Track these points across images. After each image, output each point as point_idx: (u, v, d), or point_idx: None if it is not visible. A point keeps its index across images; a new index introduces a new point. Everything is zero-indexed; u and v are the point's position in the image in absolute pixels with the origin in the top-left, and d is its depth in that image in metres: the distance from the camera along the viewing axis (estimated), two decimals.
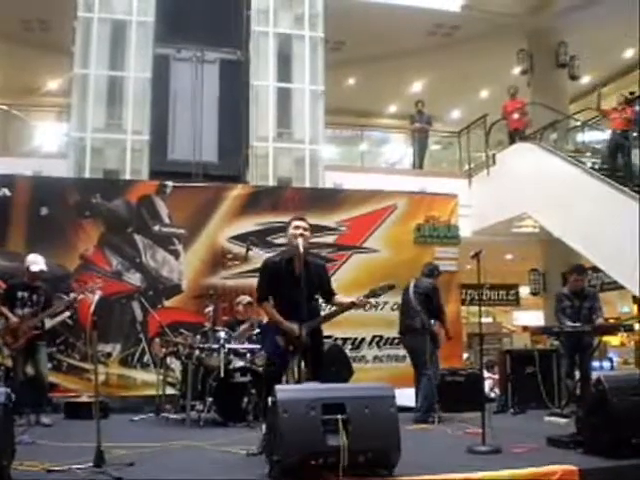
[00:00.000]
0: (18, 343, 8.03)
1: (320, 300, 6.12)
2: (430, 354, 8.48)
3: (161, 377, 9.14)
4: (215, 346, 8.33)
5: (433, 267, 9.22)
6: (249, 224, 10.78)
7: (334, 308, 6.06)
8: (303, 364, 5.57)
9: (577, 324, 8.65)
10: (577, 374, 8.93)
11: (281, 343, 5.80)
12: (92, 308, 5.57)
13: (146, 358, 10.16)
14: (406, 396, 8.53)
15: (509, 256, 19.51)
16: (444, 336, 8.82)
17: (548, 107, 16.08)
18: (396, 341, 10.70)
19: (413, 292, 8.78)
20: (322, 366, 5.91)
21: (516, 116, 15.57)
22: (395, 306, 10.15)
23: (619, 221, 11.49)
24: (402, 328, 8.94)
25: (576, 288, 9.03)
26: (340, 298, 6.00)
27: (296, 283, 5.57)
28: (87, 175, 11.91)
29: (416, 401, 8.56)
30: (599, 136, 16.67)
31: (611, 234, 11.63)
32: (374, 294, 5.85)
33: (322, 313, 6.17)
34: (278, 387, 4.84)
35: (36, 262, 8.25)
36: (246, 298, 9.29)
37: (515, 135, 15.43)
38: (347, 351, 10.32)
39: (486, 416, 6.15)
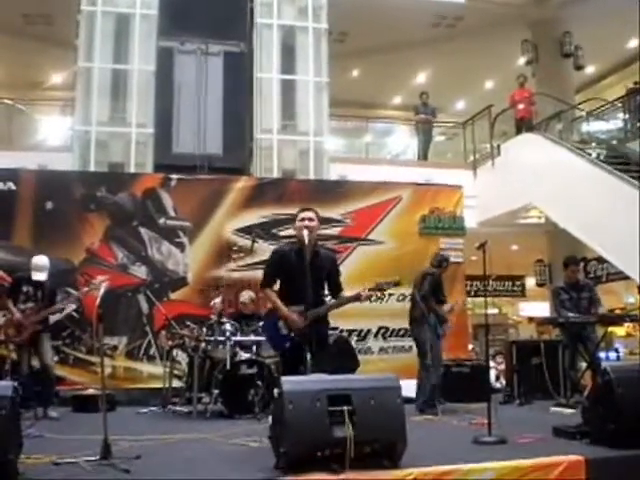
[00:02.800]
0: (21, 337, 8.06)
1: (327, 293, 6.10)
2: (431, 345, 8.49)
3: (167, 370, 9.16)
4: (221, 338, 8.35)
5: (441, 258, 9.09)
6: (254, 216, 10.80)
7: (340, 299, 6.00)
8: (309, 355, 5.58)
9: (578, 315, 8.66)
10: (582, 365, 8.94)
11: (284, 330, 5.81)
12: (98, 301, 5.56)
13: (152, 351, 10.19)
14: (412, 387, 8.55)
15: (515, 247, 19.47)
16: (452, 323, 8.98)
17: (553, 97, 16.04)
18: (402, 332, 10.72)
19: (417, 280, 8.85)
20: (326, 356, 5.87)
21: (521, 106, 15.54)
22: (401, 297, 10.18)
23: (624, 211, 11.47)
24: (408, 318, 8.94)
25: (572, 280, 9.05)
26: (345, 295, 5.96)
27: (304, 272, 5.58)
28: (92, 168, 11.93)
29: (417, 392, 8.57)
30: (604, 126, 16.64)
31: (616, 224, 11.62)
32: (379, 288, 5.82)
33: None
34: (284, 379, 4.84)
35: (38, 269, 8.23)
36: (245, 295, 9.34)
37: (522, 124, 15.38)
38: (353, 342, 10.32)
39: (492, 407, 6.16)
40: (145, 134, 12.32)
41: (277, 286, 6.05)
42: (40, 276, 8.22)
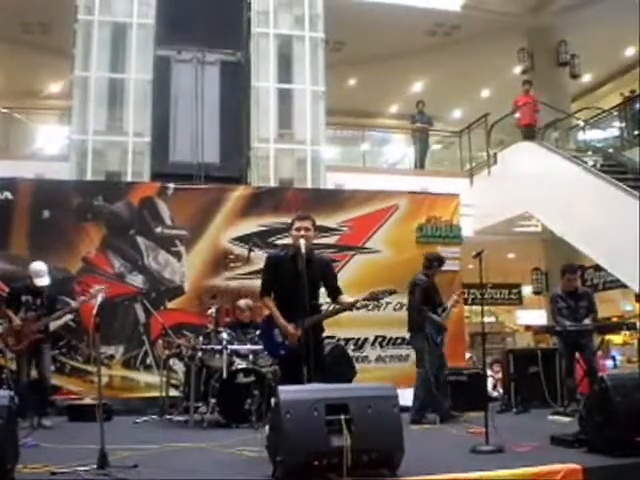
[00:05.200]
0: (20, 345, 8.06)
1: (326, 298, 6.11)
2: (424, 352, 8.45)
3: (164, 379, 9.15)
4: (218, 347, 8.34)
5: (431, 257, 8.94)
6: (251, 225, 10.79)
7: (335, 307, 6.02)
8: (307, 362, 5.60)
9: (575, 323, 8.66)
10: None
11: (279, 337, 5.84)
12: (95, 310, 5.56)
13: (149, 360, 10.17)
14: (409, 396, 8.54)
15: (511, 255, 19.49)
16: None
17: (549, 106, 16.07)
18: (399, 341, 10.72)
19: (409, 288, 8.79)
20: (324, 366, 5.88)
21: (517, 115, 15.58)
22: (398, 306, 10.18)
23: (620, 219, 11.50)
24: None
25: (570, 288, 9.01)
26: (344, 298, 5.95)
27: (297, 280, 5.57)
28: (89, 178, 11.92)
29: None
30: (600, 135, 16.68)
31: (613, 232, 11.64)
32: (374, 297, 5.82)
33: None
34: (281, 388, 4.84)
35: (40, 274, 8.22)
36: (241, 301, 9.34)
37: (529, 130, 15.32)
38: (350, 351, 10.31)
39: (489, 415, 6.15)
40: (142, 143, 12.32)
41: None
42: (43, 281, 8.20)
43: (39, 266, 8.30)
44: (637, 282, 11.10)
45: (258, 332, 8.64)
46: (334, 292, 6.00)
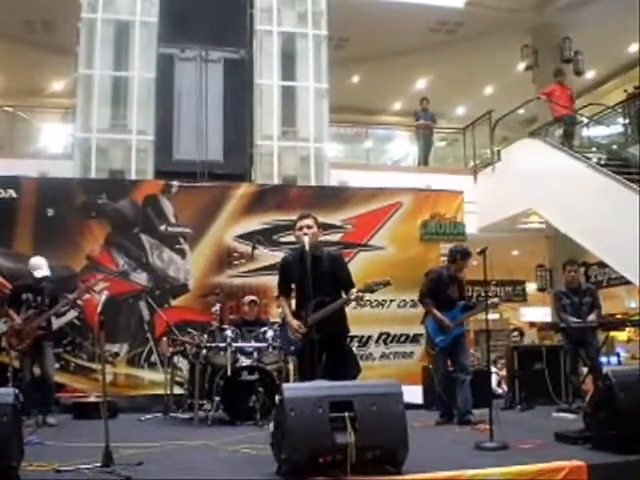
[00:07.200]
0: (23, 344, 8.06)
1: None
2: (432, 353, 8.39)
3: (169, 376, 9.16)
4: (222, 345, 8.35)
5: (452, 250, 8.42)
6: (255, 223, 10.80)
7: (336, 302, 6.05)
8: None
9: (579, 320, 8.65)
10: (584, 370, 8.94)
11: (291, 336, 5.95)
12: (99, 308, 5.57)
13: (153, 358, 10.19)
14: (413, 393, 8.52)
15: (515, 252, 19.47)
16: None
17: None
18: (403, 338, 10.71)
19: None
20: (339, 359, 6.01)
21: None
22: (402, 303, 10.17)
23: (624, 215, 11.47)
24: None
25: (572, 284, 9.00)
26: (351, 293, 6.01)
27: (305, 278, 5.69)
28: (93, 175, 11.92)
29: None
30: (604, 131, 16.65)
31: (616, 228, 11.62)
32: (369, 289, 5.94)
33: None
34: (285, 385, 4.85)
35: (38, 267, 8.23)
36: (249, 297, 9.35)
37: (571, 120, 15.20)
38: (354, 349, 10.30)
39: (494, 412, 6.14)
40: (146, 141, 12.32)
41: None
42: (41, 272, 8.20)
43: (37, 261, 8.32)
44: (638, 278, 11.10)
45: (263, 329, 8.69)
46: (345, 286, 6.07)
